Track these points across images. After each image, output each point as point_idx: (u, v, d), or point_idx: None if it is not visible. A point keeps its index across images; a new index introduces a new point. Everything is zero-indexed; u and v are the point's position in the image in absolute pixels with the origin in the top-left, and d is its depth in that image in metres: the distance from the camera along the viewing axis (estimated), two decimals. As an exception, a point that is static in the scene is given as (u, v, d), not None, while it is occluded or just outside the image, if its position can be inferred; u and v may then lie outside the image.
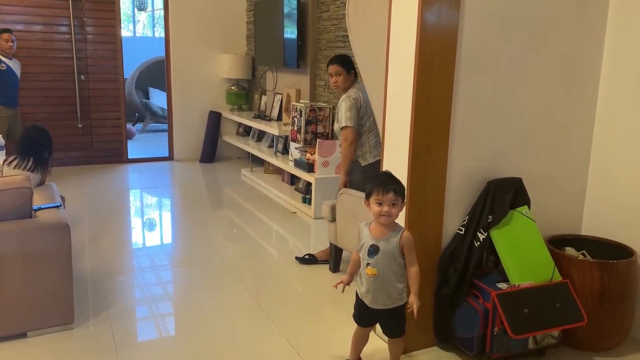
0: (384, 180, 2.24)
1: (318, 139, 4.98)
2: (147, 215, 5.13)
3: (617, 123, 2.84)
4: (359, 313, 2.42)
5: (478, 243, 2.57)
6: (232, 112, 7.18)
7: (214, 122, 7.20)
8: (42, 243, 2.69)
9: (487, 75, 2.60)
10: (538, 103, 2.77)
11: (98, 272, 3.59)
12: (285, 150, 5.88)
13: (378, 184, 2.22)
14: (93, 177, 6.30)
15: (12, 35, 5.39)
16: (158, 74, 9.08)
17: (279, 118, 6.40)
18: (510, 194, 2.63)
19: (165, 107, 7.47)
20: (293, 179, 5.72)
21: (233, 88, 7.22)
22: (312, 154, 5.01)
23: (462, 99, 2.55)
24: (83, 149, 6.78)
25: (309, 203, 5.00)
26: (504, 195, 2.62)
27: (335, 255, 3.65)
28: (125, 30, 11.05)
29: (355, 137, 3.48)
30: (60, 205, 3.00)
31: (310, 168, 5.02)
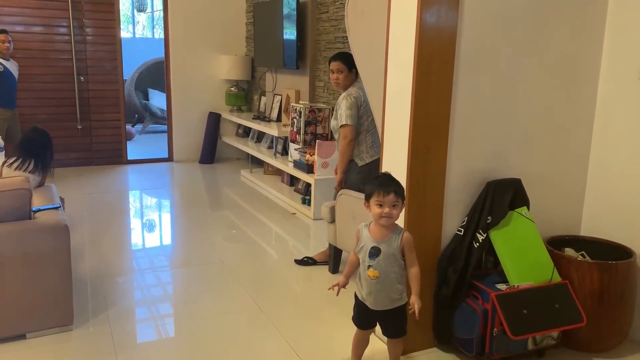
0: (384, 182, 2.23)
1: (317, 140, 4.98)
2: (146, 217, 5.13)
3: (616, 123, 2.84)
4: (359, 315, 2.41)
5: (477, 244, 2.57)
6: (231, 113, 7.19)
7: (214, 123, 7.20)
8: (41, 244, 2.69)
9: (486, 76, 2.60)
10: (537, 103, 2.77)
11: (97, 273, 3.59)
12: (285, 151, 5.88)
13: (378, 186, 2.21)
14: (92, 178, 6.30)
15: (8, 36, 5.34)
16: (157, 75, 9.08)
17: (279, 119, 6.40)
18: (510, 195, 2.63)
19: (165, 108, 7.47)
20: (292, 180, 5.72)
21: (232, 89, 7.22)
22: (311, 155, 5.01)
23: (461, 100, 2.56)
24: (82, 150, 6.78)
25: (309, 204, 5.00)
26: (503, 196, 2.62)
27: (335, 257, 3.65)
28: (125, 32, 11.05)
29: (354, 135, 3.48)
30: (60, 207, 3.00)
31: (310, 169, 5.02)
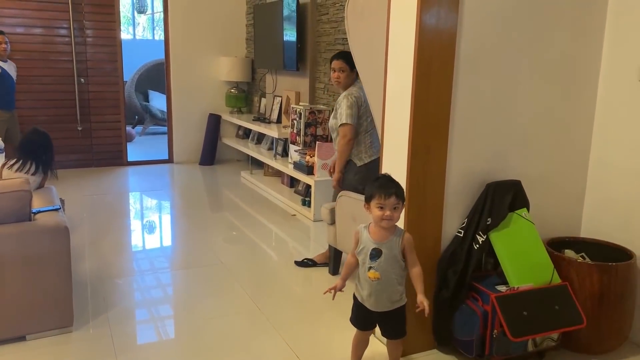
0: (385, 184, 2.22)
1: (317, 142, 4.98)
2: (146, 218, 5.13)
3: (616, 124, 2.84)
4: (359, 317, 2.41)
5: (477, 245, 2.57)
6: (231, 114, 7.19)
7: (214, 124, 7.21)
8: (41, 246, 2.69)
9: (486, 76, 2.60)
10: (537, 104, 2.77)
11: (97, 274, 3.59)
12: (285, 153, 5.89)
13: (379, 188, 2.21)
14: (93, 179, 6.30)
15: (5, 37, 5.30)
16: (158, 77, 9.09)
17: (279, 120, 6.41)
18: (510, 197, 2.63)
19: (165, 109, 7.47)
20: (292, 182, 5.72)
21: (233, 91, 7.22)
22: (311, 157, 5.02)
23: (461, 100, 2.56)
24: (83, 152, 6.78)
25: (309, 205, 5.00)
26: (503, 198, 2.62)
27: (335, 258, 3.65)
28: (125, 33, 11.06)
29: (354, 135, 3.49)
30: (60, 208, 3.00)
31: (310, 170, 5.02)
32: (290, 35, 5.75)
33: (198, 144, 7.26)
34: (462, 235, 2.61)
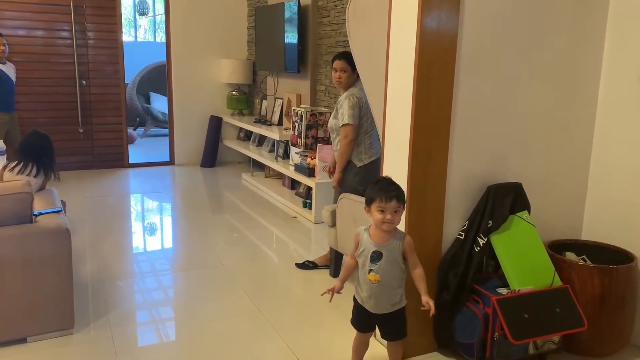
0: (386, 187, 2.21)
1: (318, 144, 4.98)
2: (147, 220, 5.13)
3: (617, 126, 2.84)
4: (359, 319, 2.41)
5: (478, 248, 2.57)
6: (232, 116, 7.19)
7: (215, 126, 7.21)
8: (42, 248, 2.69)
9: (486, 78, 2.61)
10: (538, 106, 2.77)
11: (98, 276, 3.59)
12: (286, 155, 5.89)
13: (379, 191, 2.20)
14: (94, 181, 6.30)
15: (3, 39, 5.26)
16: (159, 79, 9.09)
17: (280, 123, 6.41)
18: (510, 199, 2.63)
19: (166, 111, 7.48)
20: (294, 184, 5.72)
21: (234, 93, 7.23)
22: (312, 159, 5.02)
23: (462, 102, 2.56)
24: (84, 154, 6.79)
25: (310, 208, 5.00)
26: (504, 200, 2.61)
27: (336, 260, 3.64)
28: (127, 35, 11.07)
29: (355, 135, 3.50)
30: (61, 210, 3.01)
31: (311, 173, 5.02)
32: (292, 38, 5.75)
33: (199, 146, 7.27)
34: (463, 238, 2.61)
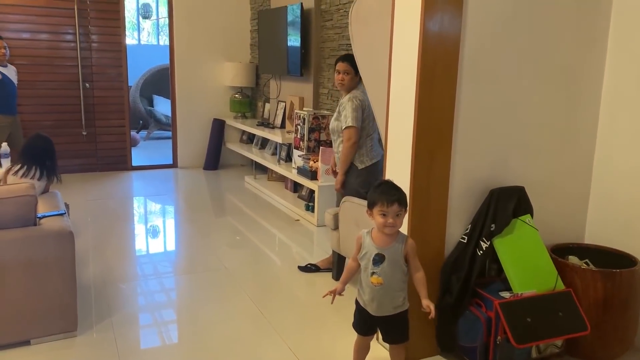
0: (387, 191, 2.21)
1: (321, 147, 4.99)
2: (150, 223, 5.14)
3: (620, 130, 2.84)
4: (360, 322, 2.41)
5: (481, 252, 2.57)
6: (235, 119, 7.21)
7: (218, 129, 7.23)
8: (46, 251, 2.70)
9: (489, 82, 2.61)
10: (541, 110, 2.77)
11: (101, 279, 3.60)
12: (289, 158, 5.89)
13: (381, 195, 2.20)
14: (97, 184, 6.32)
15: (3, 42, 5.26)
16: (162, 82, 9.13)
17: (282, 126, 6.42)
18: (513, 203, 2.63)
19: (170, 114, 7.50)
20: (296, 187, 5.72)
21: (237, 96, 7.24)
22: (315, 162, 5.02)
23: (464, 106, 2.56)
24: (87, 156, 6.81)
25: (312, 210, 5.00)
26: (507, 204, 2.61)
27: (338, 263, 3.64)
28: (130, 38, 11.11)
29: (358, 137, 3.51)
30: (65, 213, 3.01)
31: (314, 175, 5.03)
32: (295, 41, 5.77)
33: (202, 149, 7.28)
34: (465, 242, 2.61)
